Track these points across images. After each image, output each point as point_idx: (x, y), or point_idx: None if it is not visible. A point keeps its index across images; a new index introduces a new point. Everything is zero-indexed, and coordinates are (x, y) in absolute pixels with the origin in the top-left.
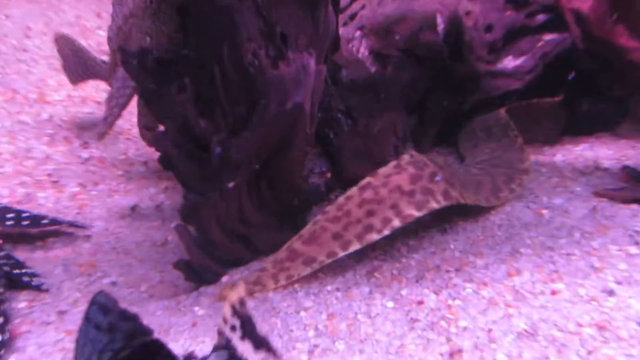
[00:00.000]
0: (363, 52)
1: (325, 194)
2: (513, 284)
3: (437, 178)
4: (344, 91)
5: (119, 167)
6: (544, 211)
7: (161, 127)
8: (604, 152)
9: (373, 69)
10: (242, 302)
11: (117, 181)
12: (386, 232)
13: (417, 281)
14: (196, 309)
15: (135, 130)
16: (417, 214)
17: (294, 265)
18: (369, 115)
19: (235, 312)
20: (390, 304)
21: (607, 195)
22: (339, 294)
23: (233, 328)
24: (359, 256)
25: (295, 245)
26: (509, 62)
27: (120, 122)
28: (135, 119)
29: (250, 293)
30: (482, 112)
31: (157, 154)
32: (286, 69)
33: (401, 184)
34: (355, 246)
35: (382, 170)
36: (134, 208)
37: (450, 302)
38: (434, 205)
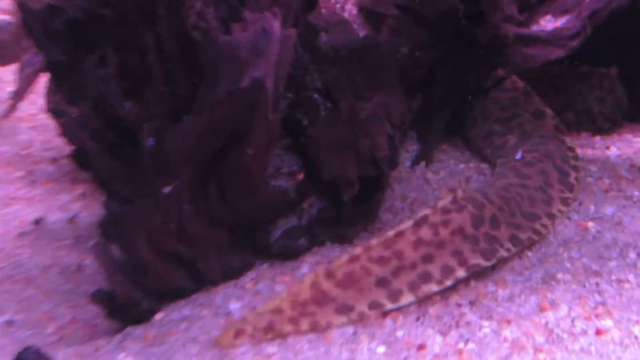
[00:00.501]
0: (350, 10)
1: (295, 202)
2: (546, 321)
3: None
4: (323, 63)
5: (19, 166)
6: (590, 224)
7: (74, 111)
8: None
9: (362, 33)
10: None
11: (16, 185)
12: (448, 283)
13: (417, 319)
14: (121, 356)
15: (43, 116)
16: (485, 263)
17: (323, 312)
18: (354, 95)
19: None
20: (380, 349)
21: None
22: (312, 336)
23: None
24: None
25: (325, 285)
26: (547, 24)
27: (22, 106)
28: (42, 101)
29: (260, 342)
30: None
31: (69, 148)
32: (242, 34)
33: (463, 226)
34: (407, 299)
35: (441, 205)
36: (38, 222)
37: (461, 345)
38: (503, 254)
